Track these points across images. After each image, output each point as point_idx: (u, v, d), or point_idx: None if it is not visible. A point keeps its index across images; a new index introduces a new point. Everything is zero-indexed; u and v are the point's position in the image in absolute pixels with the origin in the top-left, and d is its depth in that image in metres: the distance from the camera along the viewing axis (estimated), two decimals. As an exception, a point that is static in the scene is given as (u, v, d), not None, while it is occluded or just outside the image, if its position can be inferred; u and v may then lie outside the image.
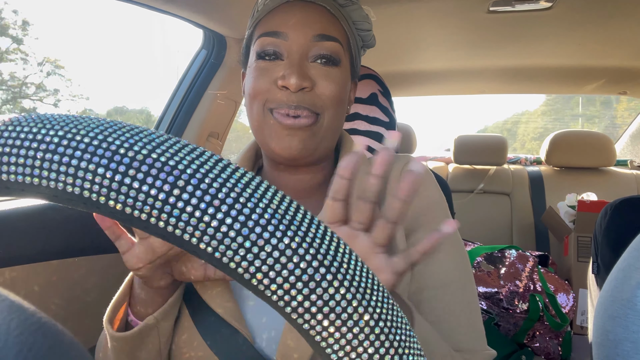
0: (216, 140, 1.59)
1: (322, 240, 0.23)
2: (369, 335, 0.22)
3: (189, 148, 0.23)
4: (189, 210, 0.21)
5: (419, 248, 0.45)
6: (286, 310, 0.22)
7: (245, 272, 0.22)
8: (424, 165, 0.70)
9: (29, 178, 0.22)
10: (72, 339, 0.16)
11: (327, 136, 0.64)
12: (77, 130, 0.23)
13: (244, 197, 0.22)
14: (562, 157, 2.35)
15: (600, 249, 1.01)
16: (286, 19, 0.62)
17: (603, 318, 0.31)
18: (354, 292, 0.22)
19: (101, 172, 0.21)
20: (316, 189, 0.70)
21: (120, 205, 0.22)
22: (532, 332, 1.58)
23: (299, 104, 0.60)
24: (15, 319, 0.15)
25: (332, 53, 0.62)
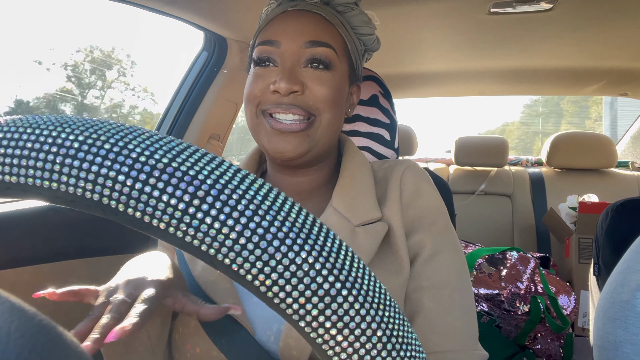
0: (217, 142, 1.60)
1: (337, 255, 0.23)
2: (381, 351, 0.23)
3: (208, 157, 0.23)
4: (208, 221, 0.21)
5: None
6: (300, 324, 0.22)
7: (262, 285, 0.22)
8: (423, 170, 0.71)
9: (47, 182, 0.22)
10: (73, 341, 0.16)
11: (322, 139, 0.65)
12: (97, 136, 0.22)
13: (262, 210, 0.22)
14: (563, 159, 2.35)
15: (602, 251, 1.01)
16: (281, 28, 0.65)
17: (603, 320, 0.31)
18: (367, 308, 0.22)
19: (122, 179, 0.21)
20: (316, 190, 0.71)
21: (140, 213, 0.22)
22: (534, 334, 1.58)
23: (291, 104, 0.62)
24: (16, 321, 0.15)
25: (323, 57, 0.64)
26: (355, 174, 0.68)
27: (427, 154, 2.90)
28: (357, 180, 0.68)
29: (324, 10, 0.67)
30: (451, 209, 0.94)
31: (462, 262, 0.66)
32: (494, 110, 19.85)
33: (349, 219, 0.64)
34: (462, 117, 11.93)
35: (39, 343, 0.14)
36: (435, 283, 0.62)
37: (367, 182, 0.68)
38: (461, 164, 2.51)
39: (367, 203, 0.65)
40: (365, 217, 0.64)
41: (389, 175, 0.69)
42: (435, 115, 11.61)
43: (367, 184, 0.68)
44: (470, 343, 0.61)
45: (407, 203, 0.66)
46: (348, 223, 0.63)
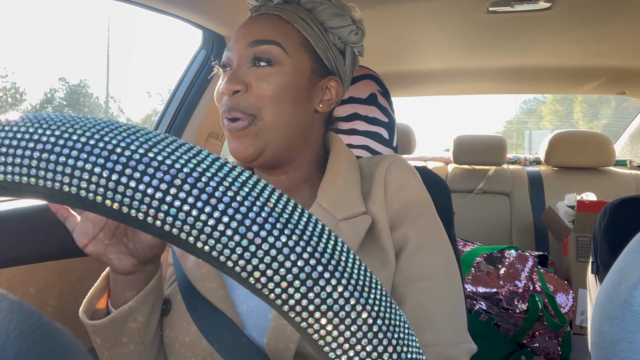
0: (215, 140, 1.60)
1: (319, 238, 0.23)
2: (367, 333, 0.22)
3: (185, 147, 0.23)
4: (186, 209, 0.21)
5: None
6: (284, 309, 0.22)
7: (243, 271, 0.22)
8: (409, 164, 0.71)
9: (26, 178, 0.22)
10: (72, 339, 0.16)
11: (273, 136, 0.65)
12: (73, 130, 0.23)
13: (240, 196, 0.22)
14: (561, 157, 2.35)
15: (600, 249, 1.01)
16: (236, 33, 0.69)
17: (600, 319, 0.31)
18: (351, 290, 0.22)
19: (98, 171, 0.21)
20: (301, 187, 0.72)
21: (117, 204, 0.22)
22: (532, 332, 1.58)
23: (232, 107, 0.64)
24: (15, 319, 0.15)
25: (264, 54, 0.65)
26: (340, 171, 0.69)
27: (425, 152, 2.90)
28: (342, 177, 0.68)
29: (281, 10, 0.68)
30: (449, 208, 0.94)
31: (448, 255, 0.66)
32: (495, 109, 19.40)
33: (332, 214, 0.64)
34: (462, 116, 11.91)
35: (37, 341, 0.14)
36: (421, 276, 0.62)
37: (352, 177, 0.68)
38: (460, 162, 2.51)
39: (351, 198, 0.66)
40: (349, 211, 0.65)
41: (374, 170, 0.69)
42: (434, 114, 11.60)
43: (352, 179, 0.68)
44: (458, 336, 0.61)
45: (392, 197, 0.66)
46: (332, 218, 0.64)
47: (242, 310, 0.62)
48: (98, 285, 0.60)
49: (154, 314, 0.62)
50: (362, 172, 0.72)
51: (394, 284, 0.63)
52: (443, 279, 0.63)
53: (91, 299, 0.59)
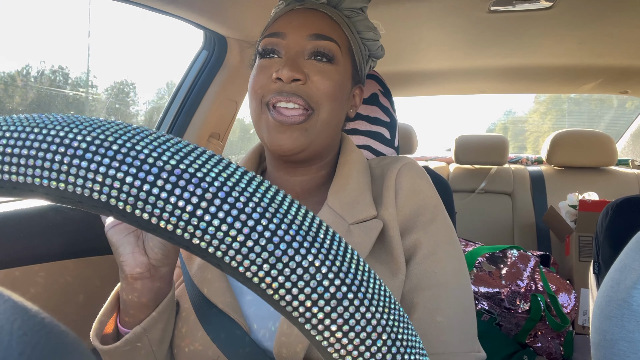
0: (217, 140, 1.60)
1: (343, 258, 0.23)
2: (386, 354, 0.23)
3: (215, 159, 0.23)
4: (216, 223, 0.21)
5: None
6: (306, 327, 0.22)
7: (268, 288, 0.22)
8: (420, 167, 0.71)
9: (55, 183, 0.22)
10: (76, 339, 0.17)
11: (320, 134, 0.65)
12: (105, 136, 0.22)
13: (269, 212, 0.22)
14: (563, 157, 2.34)
15: (602, 249, 1.01)
16: (287, 21, 0.66)
17: (600, 318, 0.31)
18: (373, 312, 0.22)
19: (129, 180, 0.21)
20: (315, 189, 0.71)
21: (147, 215, 0.21)
22: (534, 332, 1.58)
23: (292, 92, 0.62)
24: (19, 319, 0.15)
25: (326, 50, 0.65)
26: (351, 173, 0.68)
27: (427, 152, 2.89)
28: (353, 179, 0.67)
29: (329, 10, 0.68)
30: (451, 208, 0.94)
31: (460, 261, 0.65)
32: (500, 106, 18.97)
33: (343, 218, 0.64)
34: (462, 116, 11.91)
35: (41, 341, 0.15)
36: (432, 284, 0.61)
37: (362, 180, 0.68)
38: (461, 162, 2.51)
39: (362, 201, 0.65)
40: (360, 215, 0.64)
41: (385, 173, 0.69)
42: (436, 114, 11.62)
43: (363, 182, 0.68)
44: (468, 344, 0.60)
45: (403, 202, 0.65)
46: (343, 221, 0.63)
47: (249, 314, 0.61)
48: (107, 307, 0.58)
49: (167, 331, 0.60)
50: (373, 173, 0.71)
51: (404, 290, 0.62)
52: (454, 286, 0.62)
53: (101, 321, 0.57)
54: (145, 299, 0.55)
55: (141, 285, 0.54)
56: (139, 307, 0.55)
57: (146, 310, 0.56)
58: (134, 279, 0.53)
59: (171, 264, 0.54)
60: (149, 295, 0.55)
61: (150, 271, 0.53)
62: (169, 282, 0.57)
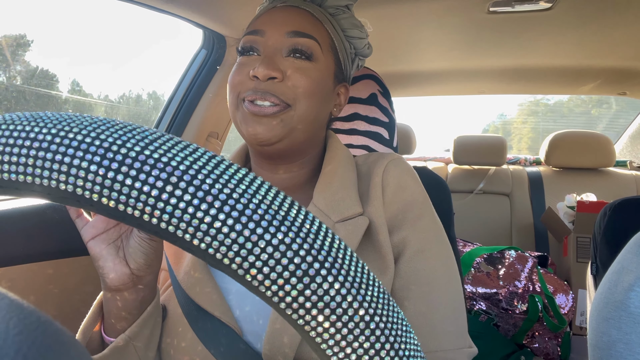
0: (216, 140, 1.60)
1: (316, 236, 0.23)
2: (364, 330, 0.22)
3: (182, 145, 0.23)
4: (182, 206, 0.21)
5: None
6: (280, 306, 0.22)
7: (239, 268, 0.22)
8: (407, 163, 0.70)
9: (22, 176, 0.22)
10: (72, 338, 0.17)
11: (298, 127, 0.64)
12: (69, 128, 0.23)
13: (237, 193, 0.22)
14: (561, 158, 2.35)
15: (599, 250, 1.01)
16: (267, 19, 0.66)
17: (597, 320, 0.31)
18: (348, 287, 0.22)
19: (94, 169, 0.21)
20: (299, 188, 0.71)
21: (114, 202, 0.22)
22: (532, 333, 1.58)
23: (267, 91, 0.62)
24: (15, 317, 0.15)
25: (305, 48, 0.64)
26: (336, 170, 0.67)
27: (425, 152, 2.90)
28: (339, 176, 0.67)
29: (312, 8, 0.68)
30: (449, 208, 0.94)
31: (449, 258, 0.65)
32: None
33: (328, 216, 0.63)
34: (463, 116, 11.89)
35: (37, 339, 0.15)
36: (421, 281, 0.61)
37: (348, 177, 0.67)
38: (460, 162, 2.51)
39: (347, 199, 0.64)
40: (345, 212, 0.63)
41: (372, 169, 0.68)
42: (434, 114, 11.57)
43: (349, 179, 0.67)
44: (459, 340, 0.60)
45: (390, 198, 0.65)
46: (328, 219, 0.63)
47: (238, 315, 0.61)
48: (90, 316, 0.57)
49: (154, 337, 0.60)
50: (359, 170, 0.70)
51: (394, 288, 0.62)
52: (444, 282, 0.62)
53: (85, 331, 0.56)
54: (129, 308, 0.54)
55: (125, 296, 0.53)
56: (123, 316, 0.55)
57: (131, 318, 0.55)
58: (117, 290, 0.52)
59: (154, 272, 0.54)
60: (133, 304, 0.54)
61: (133, 281, 0.52)
62: (153, 289, 0.56)
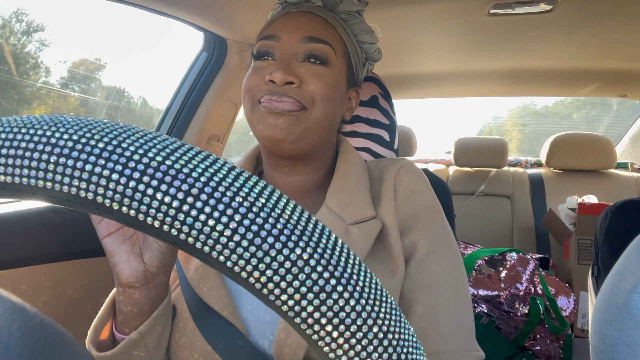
0: (217, 142, 1.60)
1: (332, 251, 0.23)
2: (377, 347, 0.22)
3: (202, 155, 0.23)
4: (202, 218, 0.21)
5: None
6: (296, 321, 0.22)
7: (257, 282, 0.22)
8: (418, 168, 0.71)
9: (42, 182, 0.22)
10: (74, 340, 0.17)
11: (313, 129, 0.65)
12: (91, 135, 0.22)
13: (257, 207, 0.22)
14: (562, 160, 2.35)
15: (601, 252, 1.01)
16: (282, 24, 0.67)
17: (600, 322, 0.31)
18: (363, 304, 0.22)
19: (115, 177, 0.21)
20: (312, 190, 0.71)
21: (134, 211, 0.21)
22: (533, 335, 1.58)
23: (284, 93, 0.62)
24: (18, 320, 0.15)
25: (320, 53, 0.65)
26: (349, 174, 0.68)
27: (426, 155, 2.90)
28: (351, 180, 0.67)
29: (325, 13, 0.69)
30: (450, 210, 0.94)
31: (457, 261, 0.65)
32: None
33: (342, 218, 0.64)
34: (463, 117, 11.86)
35: (40, 342, 0.15)
36: (430, 283, 0.61)
37: (361, 181, 0.68)
38: (461, 164, 2.51)
39: (360, 202, 0.65)
40: (359, 215, 0.64)
41: (384, 174, 0.69)
42: (435, 117, 11.56)
43: (361, 183, 0.68)
44: (466, 343, 0.61)
45: (402, 202, 0.66)
46: (341, 222, 0.63)
47: (247, 317, 0.61)
48: (102, 314, 0.57)
49: (164, 336, 0.60)
50: (371, 175, 0.71)
51: (403, 290, 0.62)
52: (452, 286, 0.62)
53: (96, 328, 0.57)
54: (141, 305, 0.54)
55: (137, 293, 0.53)
56: (135, 313, 0.55)
57: (142, 316, 0.55)
58: (130, 287, 0.52)
59: (168, 271, 0.54)
60: (145, 302, 0.54)
61: (147, 278, 0.52)
62: (165, 288, 0.56)
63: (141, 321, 0.55)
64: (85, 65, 1.75)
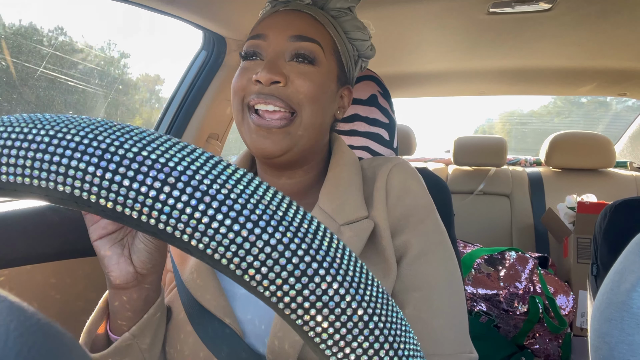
0: (216, 141, 1.60)
1: (314, 236, 0.22)
2: (363, 330, 0.22)
3: (179, 145, 0.23)
4: (180, 207, 0.21)
5: None
6: (279, 306, 0.22)
7: (237, 269, 0.21)
8: (412, 167, 0.70)
9: (20, 178, 0.22)
10: (73, 340, 0.17)
11: (304, 136, 0.64)
12: (67, 130, 0.23)
13: (235, 194, 0.22)
14: (561, 159, 2.35)
15: (600, 251, 1.01)
16: (269, 23, 0.66)
17: (599, 321, 0.31)
18: (347, 287, 0.22)
19: (91, 170, 0.21)
20: (306, 191, 0.71)
21: (111, 203, 0.22)
22: (532, 334, 1.58)
23: (270, 94, 0.62)
24: (15, 320, 0.15)
25: (307, 52, 0.64)
26: (342, 174, 0.67)
27: (425, 153, 2.90)
28: (344, 180, 0.67)
29: (314, 11, 0.68)
30: (450, 209, 0.94)
31: (450, 262, 0.64)
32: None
33: (334, 219, 0.63)
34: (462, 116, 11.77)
35: (37, 341, 0.14)
36: (422, 285, 0.61)
37: (354, 181, 0.67)
38: (460, 163, 2.51)
39: (353, 202, 0.64)
40: (351, 216, 0.63)
41: (377, 173, 0.68)
42: (435, 115, 11.46)
43: (354, 183, 0.67)
44: (459, 345, 0.60)
45: (393, 202, 0.65)
46: (333, 222, 0.63)
47: (242, 319, 0.61)
48: (95, 316, 0.58)
49: (158, 336, 0.60)
50: (364, 174, 0.70)
51: (395, 291, 0.62)
52: (445, 287, 0.61)
53: (90, 329, 0.57)
54: (134, 306, 0.55)
55: (129, 294, 0.53)
56: (128, 315, 0.55)
57: (135, 317, 0.56)
58: (122, 289, 0.53)
59: (158, 272, 0.54)
60: (137, 303, 0.55)
61: (138, 279, 0.52)
62: (157, 288, 0.57)
63: (134, 322, 0.56)
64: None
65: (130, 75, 2.27)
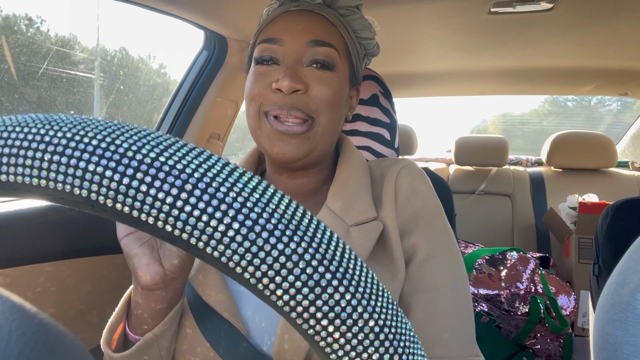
0: (217, 141, 1.60)
1: (327, 246, 0.23)
2: (373, 341, 0.22)
3: (196, 151, 0.23)
4: (196, 214, 0.21)
5: None
6: (291, 316, 0.22)
7: (252, 277, 0.21)
8: (420, 169, 0.70)
9: (36, 180, 0.22)
10: (74, 340, 0.16)
11: (322, 141, 0.65)
12: (84, 133, 0.22)
13: (251, 202, 0.22)
14: (563, 159, 2.35)
15: (601, 251, 1.01)
16: (284, 26, 0.64)
17: (603, 321, 0.31)
18: (359, 298, 0.22)
19: (109, 174, 0.21)
20: (315, 191, 0.71)
21: (128, 208, 0.21)
22: (533, 334, 1.58)
23: (292, 106, 0.61)
24: (17, 319, 0.15)
25: (326, 58, 0.63)
26: (350, 174, 0.68)
27: (427, 153, 2.90)
28: (353, 180, 0.67)
29: (326, 11, 0.67)
30: (451, 209, 0.94)
31: (458, 264, 0.64)
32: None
33: (343, 219, 0.63)
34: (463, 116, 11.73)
35: (40, 341, 0.14)
36: (429, 287, 0.61)
37: (362, 181, 0.67)
38: (461, 163, 2.51)
39: (362, 203, 0.64)
40: (359, 217, 0.63)
41: (385, 174, 0.68)
42: (436, 115, 11.43)
43: (363, 183, 0.67)
44: (465, 348, 0.60)
45: (403, 204, 0.65)
46: (342, 223, 0.63)
47: (248, 318, 0.61)
48: (117, 314, 0.58)
49: (175, 337, 0.60)
50: (372, 175, 0.71)
51: (403, 293, 0.62)
52: (452, 289, 0.61)
53: (111, 329, 0.57)
54: (157, 308, 0.54)
55: (155, 296, 0.53)
56: (151, 315, 0.55)
57: (157, 317, 0.55)
58: (149, 290, 0.52)
59: (186, 276, 0.53)
60: (162, 305, 0.54)
61: (165, 282, 0.51)
62: (181, 291, 0.56)
63: (155, 323, 0.56)
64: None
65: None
